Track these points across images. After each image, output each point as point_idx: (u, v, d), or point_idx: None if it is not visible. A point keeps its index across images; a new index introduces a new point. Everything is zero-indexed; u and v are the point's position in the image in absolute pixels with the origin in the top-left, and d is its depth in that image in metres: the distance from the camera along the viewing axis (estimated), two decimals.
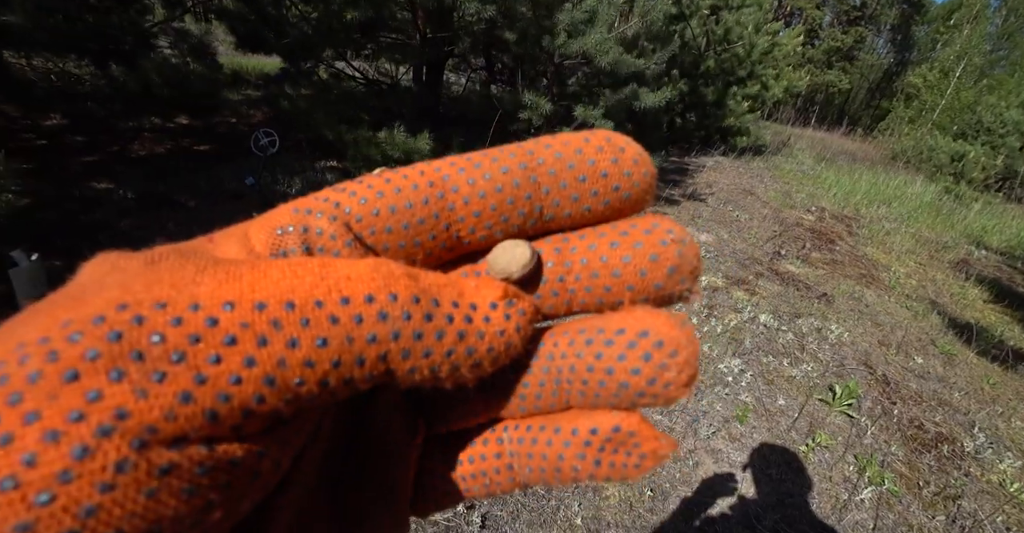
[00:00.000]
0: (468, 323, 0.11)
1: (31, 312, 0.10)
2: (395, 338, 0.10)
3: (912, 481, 1.92)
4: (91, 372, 0.08)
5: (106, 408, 0.08)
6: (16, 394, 0.08)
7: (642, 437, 0.13)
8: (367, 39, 3.86)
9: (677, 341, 0.12)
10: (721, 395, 2.19)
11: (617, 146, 0.14)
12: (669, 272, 0.13)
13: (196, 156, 3.97)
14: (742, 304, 3.04)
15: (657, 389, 0.12)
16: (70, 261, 2.06)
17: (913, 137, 13.02)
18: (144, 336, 0.09)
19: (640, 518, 1.56)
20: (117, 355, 0.08)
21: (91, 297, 0.09)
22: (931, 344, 3.07)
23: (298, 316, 0.09)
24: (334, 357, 0.10)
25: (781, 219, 5.02)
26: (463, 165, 0.13)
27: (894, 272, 4.17)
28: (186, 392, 0.08)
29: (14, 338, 0.09)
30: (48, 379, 0.08)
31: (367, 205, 0.13)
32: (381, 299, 0.10)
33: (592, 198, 0.14)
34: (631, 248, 0.13)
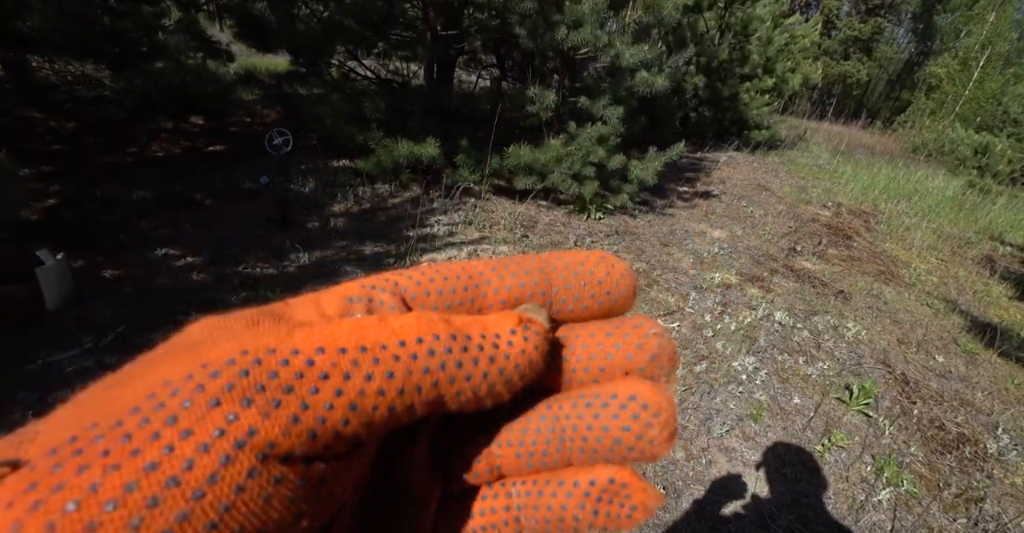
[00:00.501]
0: (495, 348, 0.14)
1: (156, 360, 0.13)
2: (442, 368, 0.13)
3: (932, 483, 1.88)
4: (229, 400, 0.11)
5: (241, 427, 0.11)
6: (173, 417, 0.10)
7: (632, 488, 0.15)
8: (378, 37, 3.87)
9: (659, 404, 0.15)
10: (735, 393, 2.16)
11: (610, 263, 0.18)
12: (651, 358, 0.16)
13: (211, 156, 4.03)
14: (756, 301, 3.00)
15: (644, 444, 0.15)
16: (92, 260, 2.12)
17: (934, 129, 12.65)
18: (264, 374, 0.11)
19: (652, 516, 1.56)
20: (246, 388, 0.11)
21: (212, 347, 0.12)
22: (953, 343, 3.00)
23: (370, 356, 0.12)
24: (399, 386, 0.13)
25: (796, 215, 4.94)
26: (495, 265, 0.17)
27: (914, 269, 4.07)
28: (295, 415, 0.11)
29: (156, 377, 0.11)
30: (197, 405, 0.11)
31: (420, 287, 0.17)
32: (428, 339, 0.13)
33: (590, 299, 0.17)
34: (622, 338, 0.16)
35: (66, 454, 0.10)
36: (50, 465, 0.10)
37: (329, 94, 3.75)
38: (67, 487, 0.09)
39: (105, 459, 0.10)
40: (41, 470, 0.10)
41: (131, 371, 0.12)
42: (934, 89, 17.81)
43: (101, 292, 2.16)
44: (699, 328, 2.62)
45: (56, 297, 2.02)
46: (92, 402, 0.12)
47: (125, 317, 2.03)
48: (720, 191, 5.29)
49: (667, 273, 3.19)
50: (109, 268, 2.34)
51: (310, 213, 3.20)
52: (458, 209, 3.50)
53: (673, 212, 4.39)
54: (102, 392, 0.12)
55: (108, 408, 0.11)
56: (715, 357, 2.39)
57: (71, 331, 1.92)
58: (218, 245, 2.68)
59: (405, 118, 3.46)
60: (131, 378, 0.12)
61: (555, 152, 3.40)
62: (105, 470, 0.10)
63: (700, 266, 3.38)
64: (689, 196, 4.96)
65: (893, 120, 17.75)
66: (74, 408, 0.12)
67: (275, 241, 2.80)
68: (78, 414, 0.11)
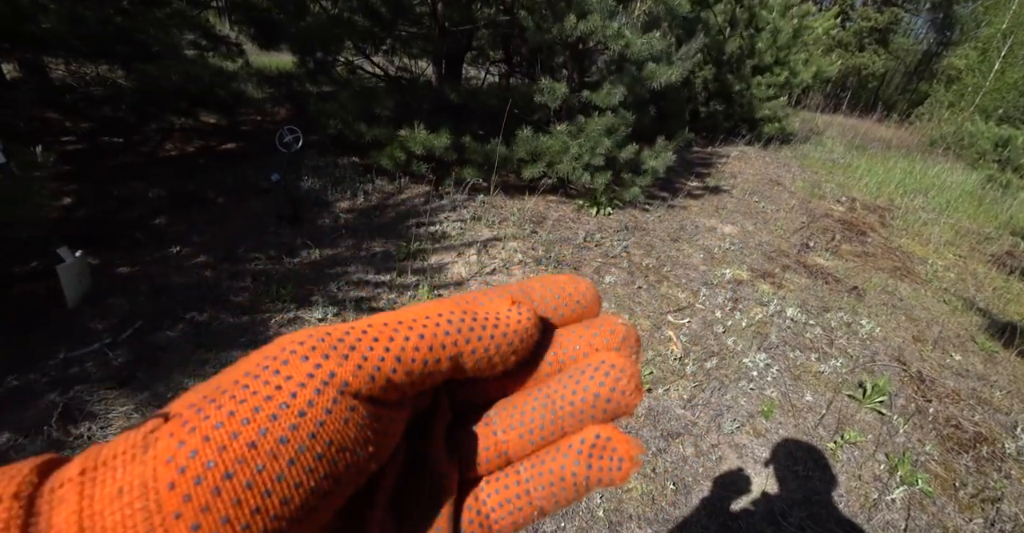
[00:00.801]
0: (497, 319, 0.18)
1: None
2: (459, 332, 0.17)
3: (948, 482, 1.86)
4: (314, 356, 0.15)
5: (324, 371, 0.14)
6: (276, 370, 0.14)
7: (616, 441, 0.18)
8: (386, 33, 3.88)
9: (625, 365, 0.19)
10: (746, 390, 2.15)
11: (575, 280, 0.21)
12: (621, 339, 0.20)
13: (223, 154, 4.08)
14: (768, 297, 2.96)
15: (617, 395, 0.18)
16: (109, 257, 2.16)
17: (953, 122, 12.34)
18: (335, 339, 0.15)
19: (662, 512, 1.56)
20: (324, 348, 0.15)
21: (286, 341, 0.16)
22: (970, 340, 2.94)
23: (407, 326, 0.16)
24: (429, 344, 0.16)
25: (809, 210, 4.86)
26: (484, 292, 0.20)
27: (931, 265, 4.00)
28: (359, 364, 0.15)
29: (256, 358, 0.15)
30: (294, 362, 0.15)
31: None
32: (446, 314, 0.17)
33: (564, 307, 0.21)
34: (597, 328, 0.20)
35: (208, 406, 0.13)
36: (196, 414, 0.13)
37: (338, 91, 3.76)
38: (226, 424, 0.13)
39: (234, 401, 0.13)
40: (192, 417, 0.13)
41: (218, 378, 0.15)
42: (953, 81, 17.33)
43: (118, 289, 2.21)
44: (709, 324, 2.60)
45: (76, 294, 2.06)
46: (208, 384, 0.15)
47: (142, 313, 2.07)
48: (731, 186, 5.22)
49: (677, 269, 3.17)
50: (125, 265, 2.39)
51: (320, 210, 3.23)
52: (467, 205, 3.51)
53: (683, 207, 4.35)
54: (204, 387, 0.15)
55: (224, 378, 0.15)
56: (726, 353, 2.38)
57: (90, 327, 1.96)
58: (230, 242, 2.72)
59: (413, 114, 3.46)
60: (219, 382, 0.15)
61: (563, 140, 3.38)
62: (238, 403, 0.13)
63: (711, 262, 3.35)
64: (699, 191, 4.91)
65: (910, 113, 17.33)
66: (191, 391, 0.15)
67: (286, 238, 2.83)
68: (196, 390, 0.15)
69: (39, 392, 1.64)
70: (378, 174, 3.77)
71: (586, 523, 1.48)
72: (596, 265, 3.03)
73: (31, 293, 2.11)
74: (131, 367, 1.79)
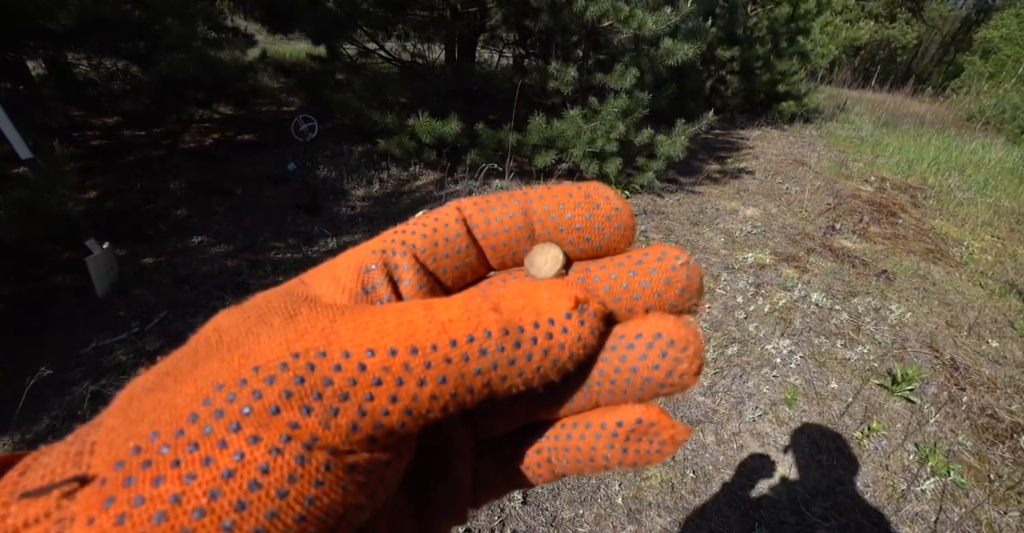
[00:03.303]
0: (549, 339, 0.13)
1: (195, 358, 0.12)
2: (494, 367, 0.13)
3: (982, 473, 1.79)
4: (288, 407, 0.11)
5: (304, 434, 0.11)
6: (235, 424, 0.11)
7: (661, 426, 0.15)
8: (398, 18, 3.81)
9: (686, 338, 0.14)
10: (768, 377, 2.10)
11: (594, 203, 0.17)
12: (680, 291, 0.15)
13: (240, 145, 4.12)
14: (792, 282, 2.88)
15: (674, 380, 0.14)
16: (134, 248, 2.21)
17: (993, 95, 11.65)
18: (319, 380, 0.11)
19: (682, 500, 1.55)
20: (304, 395, 0.11)
21: (255, 345, 0.12)
22: (1008, 326, 2.81)
23: (421, 360, 0.12)
24: (451, 390, 0.12)
25: (835, 191, 4.68)
26: (482, 206, 0.17)
27: (967, 247, 3.82)
28: (354, 423, 0.11)
29: (204, 380, 0.11)
30: (258, 413, 0.11)
31: (427, 239, 0.17)
32: (479, 337, 0.13)
33: (569, 245, 0.17)
34: (648, 274, 0.16)
35: (135, 466, 0.10)
36: (121, 478, 0.10)
37: (352, 78, 3.73)
38: (148, 499, 0.10)
39: (178, 469, 0.10)
40: (114, 484, 0.10)
41: (171, 370, 0.12)
42: (991, 52, 16.29)
43: (144, 279, 2.27)
44: (731, 310, 2.55)
45: (104, 284, 2.12)
46: (140, 408, 0.11)
47: (167, 303, 2.13)
48: (753, 167, 5.05)
49: (697, 253, 3.10)
50: (150, 256, 2.45)
51: (337, 198, 3.25)
52: (482, 191, 3.48)
53: (703, 190, 4.24)
54: (146, 396, 0.12)
55: (162, 415, 0.11)
56: (747, 340, 2.33)
57: (119, 316, 2.02)
58: (250, 232, 2.75)
59: (427, 100, 3.42)
60: (174, 380, 0.12)
61: (576, 126, 3.30)
62: (182, 480, 0.10)
63: (732, 246, 3.26)
64: (720, 173, 4.76)
65: (945, 86, 16.40)
66: (123, 415, 0.11)
67: (304, 226, 2.85)
68: (130, 422, 0.11)
69: (72, 380, 1.71)
70: (393, 161, 3.76)
71: (604, 510, 1.48)
72: None
73: (62, 284, 2.18)
74: (159, 355, 1.85)
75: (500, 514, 1.42)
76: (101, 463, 0.10)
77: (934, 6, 20.71)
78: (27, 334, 1.90)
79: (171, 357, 0.13)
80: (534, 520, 1.42)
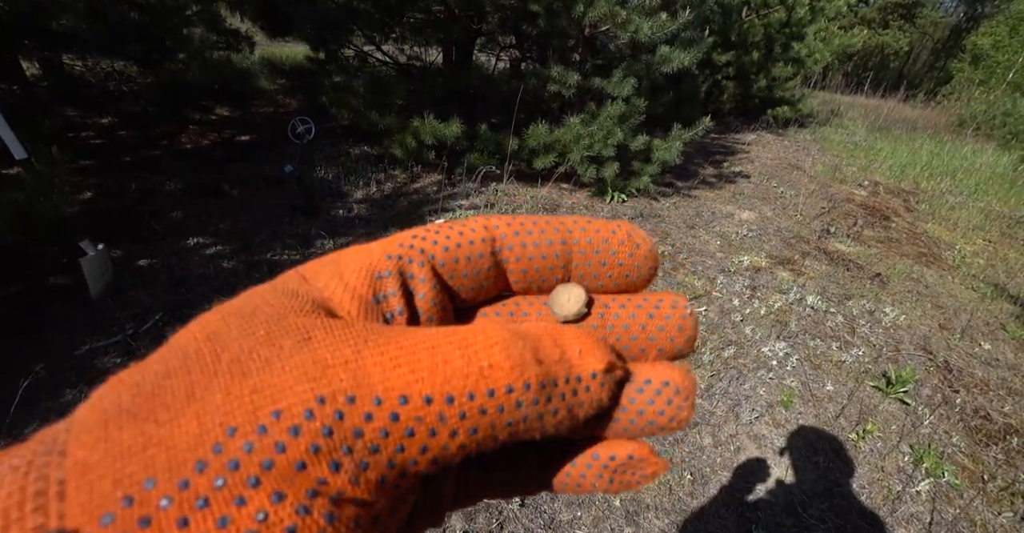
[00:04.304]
0: (575, 396, 0.14)
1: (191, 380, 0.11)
2: (524, 420, 0.13)
3: (975, 474, 1.81)
4: (315, 463, 0.10)
5: (331, 490, 0.10)
6: (254, 478, 0.09)
7: (648, 462, 0.16)
8: (395, 21, 3.82)
9: (689, 388, 0.16)
10: (764, 379, 2.11)
11: (634, 243, 0.18)
12: (687, 339, 0.17)
13: (237, 146, 4.11)
14: (787, 285, 2.90)
15: (673, 424, 0.16)
16: (129, 250, 2.19)
17: (984, 101, 11.80)
18: (348, 432, 0.10)
19: (680, 502, 1.55)
20: (332, 449, 0.10)
21: (270, 378, 0.11)
22: (1000, 329, 2.84)
23: (457, 410, 0.11)
24: (480, 439, 0.12)
25: (830, 195, 4.72)
26: (517, 229, 0.17)
27: (959, 250, 3.86)
28: (383, 476, 0.11)
29: (209, 415, 0.10)
30: (282, 468, 0.10)
31: (448, 253, 0.16)
32: (518, 389, 0.12)
33: (607, 279, 0.18)
34: (663, 320, 0.17)
35: (130, 524, 0.08)
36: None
37: (349, 81, 3.74)
38: None
39: (187, 530, 0.09)
40: None
41: (157, 390, 0.11)
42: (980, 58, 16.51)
43: (139, 281, 2.25)
44: (727, 312, 2.56)
45: (99, 286, 2.11)
46: (124, 441, 0.10)
47: (162, 305, 2.11)
48: (748, 171, 5.09)
49: (693, 256, 3.11)
50: (145, 257, 2.43)
51: (334, 200, 3.24)
52: (480, 193, 3.48)
53: (699, 194, 4.26)
54: (129, 424, 0.10)
55: (158, 456, 0.09)
56: (744, 342, 2.34)
57: (114, 318, 2.01)
58: (246, 233, 2.74)
59: (425, 102, 3.43)
60: (164, 406, 0.10)
61: (575, 131, 3.32)
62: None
63: (728, 249, 3.28)
64: (716, 177, 4.79)
65: (937, 92, 16.60)
66: (101, 448, 0.09)
67: (300, 228, 2.85)
68: (112, 458, 0.09)
69: (66, 382, 1.69)
70: (390, 163, 3.76)
71: (603, 513, 1.48)
72: None
73: (56, 286, 2.16)
74: None
75: (499, 517, 1.42)
76: (81, 514, 0.09)
77: (926, 12, 20.99)
78: (21, 335, 1.88)
79: (151, 369, 0.11)
80: (532, 522, 1.42)
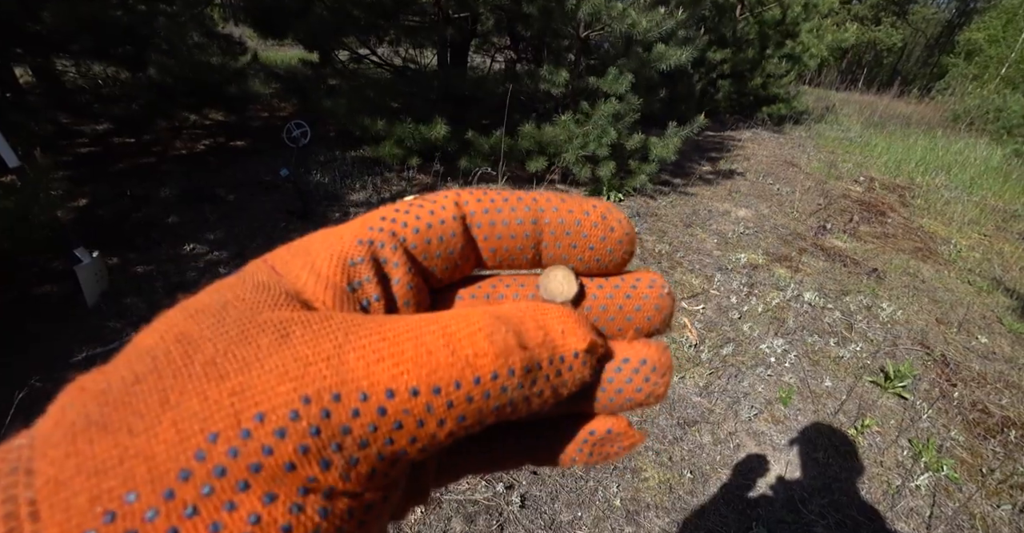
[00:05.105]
0: (559, 377, 0.14)
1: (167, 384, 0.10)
2: (511, 404, 0.13)
3: (974, 468, 1.81)
4: (304, 463, 0.10)
5: (321, 488, 0.10)
6: (243, 482, 0.09)
7: (625, 435, 0.17)
8: (389, 24, 3.82)
9: (666, 365, 0.16)
10: (763, 376, 2.12)
11: (609, 225, 0.17)
12: (665, 318, 0.18)
13: (232, 151, 4.10)
14: (784, 282, 2.90)
15: (650, 400, 0.16)
16: (125, 257, 2.18)
17: (978, 95, 11.86)
18: (336, 430, 0.10)
19: (680, 500, 1.55)
20: (321, 448, 0.10)
21: (249, 380, 0.10)
22: (997, 322, 2.85)
23: (444, 400, 0.12)
24: (468, 425, 0.12)
25: (826, 191, 4.74)
26: (487, 206, 0.16)
27: (954, 245, 3.87)
28: (373, 469, 0.11)
29: (188, 422, 0.10)
30: (271, 469, 0.10)
31: (419, 235, 0.16)
32: (503, 375, 0.12)
33: (578, 262, 0.17)
34: (641, 299, 0.17)
35: None
36: None
37: (343, 84, 3.73)
38: None
39: None
40: None
41: (126, 399, 0.10)
42: (974, 53, 16.60)
43: (134, 288, 2.24)
44: (725, 310, 2.56)
45: (94, 294, 2.10)
46: (97, 455, 0.09)
47: (159, 311, 2.10)
48: (744, 169, 5.10)
49: (691, 254, 3.12)
50: (141, 264, 2.42)
51: (330, 204, 3.24)
52: None
53: (695, 192, 4.27)
54: (100, 436, 0.09)
55: (137, 469, 0.09)
56: (742, 339, 2.34)
57: (110, 326, 2.00)
58: (242, 239, 2.74)
59: (420, 105, 3.43)
60: (136, 415, 0.10)
61: (568, 130, 3.32)
62: None
63: (725, 246, 3.29)
64: (712, 175, 4.80)
65: (930, 87, 16.68)
66: (71, 463, 0.09)
67: (296, 233, 2.83)
68: (86, 475, 0.09)
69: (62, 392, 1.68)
70: (386, 167, 3.76)
71: (603, 512, 1.48)
72: None
73: (51, 294, 2.15)
74: None
75: (499, 518, 1.42)
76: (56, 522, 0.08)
77: (918, 8, 21.09)
78: (15, 345, 1.87)
79: (118, 374, 0.11)
80: (532, 523, 1.42)
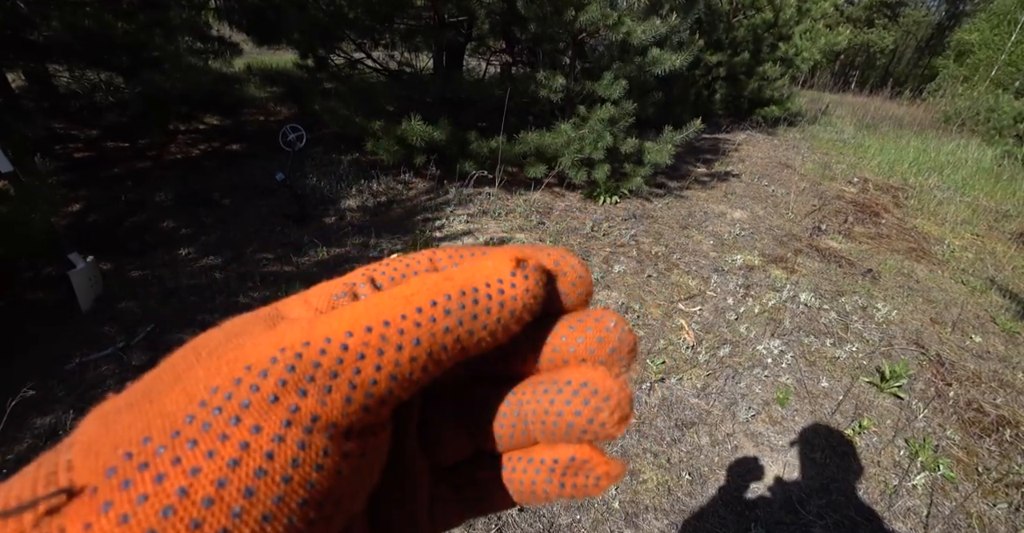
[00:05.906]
0: (501, 294, 0.15)
1: (177, 373, 0.13)
2: (460, 324, 0.14)
3: (970, 467, 1.82)
4: (285, 394, 0.12)
5: (304, 416, 0.12)
6: (235, 417, 0.11)
7: (594, 463, 0.16)
8: (385, 28, 3.83)
9: (610, 389, 0.15)
10: (760, 377, 2.12)
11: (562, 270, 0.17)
12: (610, 351, 0.17)
13: (228, 155, 4.09)
14: (780, 283, 2.92)
15: (595, 427, 0.15)
16: (121, 262, 2.17)
17: (968, 97, 11.98)
18: (308, 365, 0.12)
19: (678, 502, 1.55)
20: (297, 380, 0.12)
21: (240, 349, 0.13)
22: (991, 321, 2.87)
23: (395, 329, 0.13)
24: (427, 349, 0.13)
25: (820, 192, 4.77)
26: (456, 260, 0.18)
27: (948, 245, 3.90)
28: (348, 396, 0.12)
29: (195, 386, 0.12)
30: (257, 404, 0.11)
31: (394, 283, 0.17)
32: (441, 300, 0.14)
33: None
34: (584, 332, 0.17)
35: (130, 470, 0.10)
36: (116, 483, 0.10)
37: (339, 88, 3.74)
38: (152, 496, 0.10)
39: (180, 466, 0.10)
40: (108, 489, 0.10)
41: (149, 388, 0.13)
42: (965, 55, 16.79)
43: (129, 292, 2.23)
44: (721, 311, 2.57)
45: (88, 299, 2.08)
46: (122, 422, 0.11)
47: (153, 316, 2.09)
48: (739, 171, 5.13)
49: (687, 256, 3.13)
50: (136, 269, 2.41)
51: (326, 207, 3.23)
52: (473, 199, 3.48)
53: (691, 194, 4.29)
54: (126, 411, 0.12)
55: (153, 422, 0.11)
56: (739, 341, 2.35)
57: (104, 331, 1.98)
58: (238, 243, 2.73)
59: (415, 108, 3.43)
60: (157, 393, 0.12)
61: (566, 136, 3.34)
62: (187, 474, 0.10)
63: (721, 248, 3.30)
64: (708, 177, 4.83)
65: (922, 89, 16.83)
66: (103, 428, 0.11)
67: (293, 237, 2.83)
68: (112, 434, 0.11)
69: (55, 398, 1.67)
70: (383, 170, 3.76)
71: (602, 515, 1.48)
72: (605, 254, 3.00)
73: (45, 300, 2.13)
74: (146, 370, 1.81)
75: (497, 522, 1.41)
76: (88, 474, 0.10)
77: (908, 11, 21.32)
78: (8, 351, 1.85)
79: (142, 381, 0.13)
80: (531, 527, 1.41)
